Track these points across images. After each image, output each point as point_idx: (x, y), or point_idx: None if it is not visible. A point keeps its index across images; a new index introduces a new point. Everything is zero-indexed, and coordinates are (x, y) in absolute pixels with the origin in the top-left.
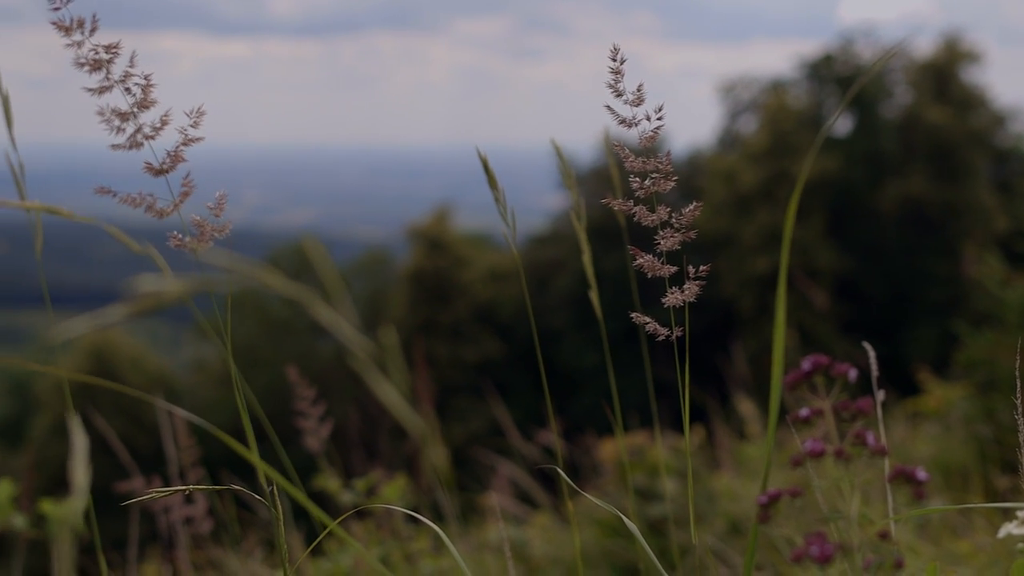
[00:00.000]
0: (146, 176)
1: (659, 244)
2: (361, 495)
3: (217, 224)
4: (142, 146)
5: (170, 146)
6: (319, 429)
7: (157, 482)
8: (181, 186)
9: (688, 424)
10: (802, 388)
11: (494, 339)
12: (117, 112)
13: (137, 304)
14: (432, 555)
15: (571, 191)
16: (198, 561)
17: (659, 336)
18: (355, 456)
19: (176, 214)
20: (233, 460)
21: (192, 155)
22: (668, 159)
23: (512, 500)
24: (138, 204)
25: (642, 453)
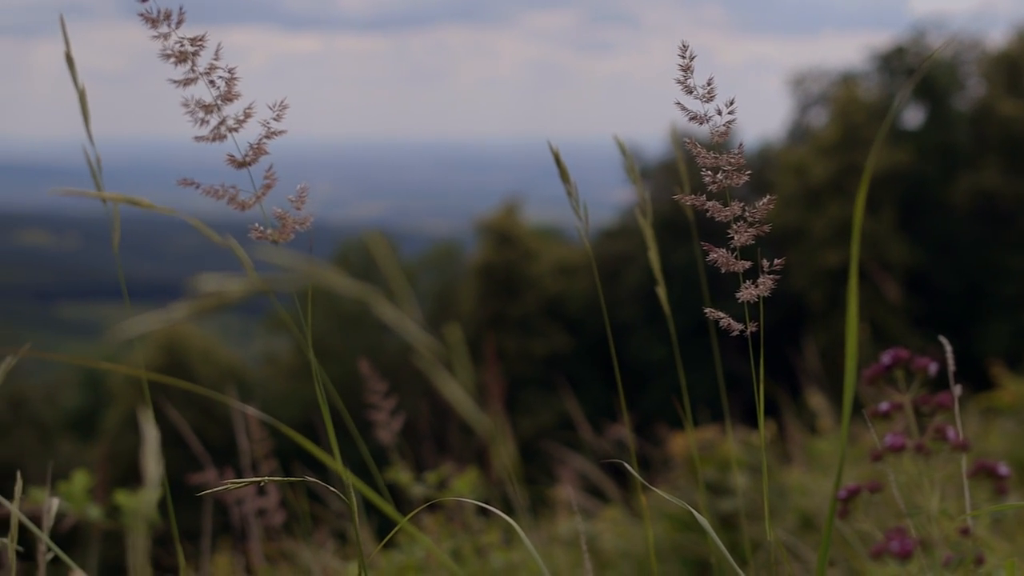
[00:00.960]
0: (219, 170)
1: (732, 239)
2: (432, 488)
3: (298, 217)
4: (225, 138)
5: (252, 139)
6: (391, 422)
7: (230, 474)
8: (263, 178)
9: (763, 418)
10: (881, 382)
11: (562, 333)
12: (201, 104)
13: (200, 303)
14: (503, 548)
15: (636, 187)
16: (270, 553)
17: (733, 331)
18: (426, 449)
19: (257, 207)
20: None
21: (268, 148)
22: (741, 153)
23: (582, 494)
24: (220, 196)
25: (713, 447)
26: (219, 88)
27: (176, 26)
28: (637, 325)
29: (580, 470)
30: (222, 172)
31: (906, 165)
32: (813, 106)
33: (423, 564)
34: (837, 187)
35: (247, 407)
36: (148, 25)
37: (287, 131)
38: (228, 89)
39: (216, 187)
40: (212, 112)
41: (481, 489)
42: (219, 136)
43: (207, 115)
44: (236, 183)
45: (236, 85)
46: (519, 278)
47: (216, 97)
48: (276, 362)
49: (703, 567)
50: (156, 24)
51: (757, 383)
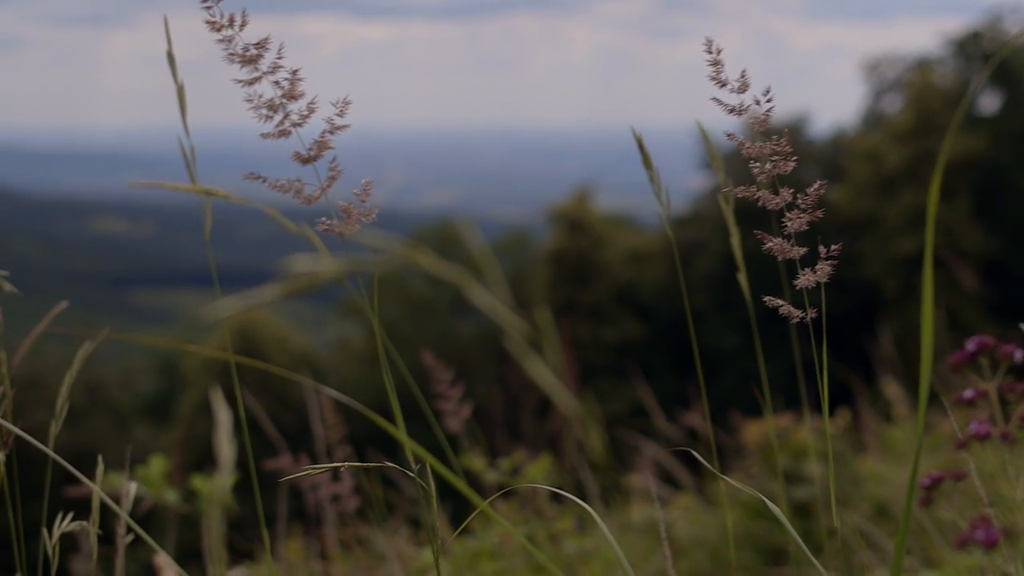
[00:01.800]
0: (287, 159)
1: (787, 226)
2: (506, 474)
3: (363, 209)
4: (289, 134)
5: (317, 134)
6: (459, 410)
7: (305, 460)
8: (328, 170)
9: (827, 406)
10: (965, 369)
11: (634, 320)
12: (266, 103)
13: (292, 284)
14: (576, 535)
15: (719, 173)
16: (344, 538)
17: (793, 318)
18: (498, 435)
19: (324, 199)
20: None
21: (336, 138)
22: (787, 140)
23: (655, 481)
24: (287, 190)
25: (787, 435)
26: (283, 87)
27: (240, 29)
28: (708, 312)
29: (654, 457)
30: (290, 162)
31: (982, 152)
32: (887, 92)
33: (497, 550)
34: (912, 174)
35: (327, 389)
36: (213, 29)
37: (350, 126)
38: (292, 88)
39: (282, 182)
40: (277, 110)
41: (554, 475)
42: (284, 133)
43: (272, 113)
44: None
45: (299, 84)
46: (591, 265)
47: (280, 96)
48: (348, 348)
49: (777, 555)
50: (221, 28)
51: (820, 369)
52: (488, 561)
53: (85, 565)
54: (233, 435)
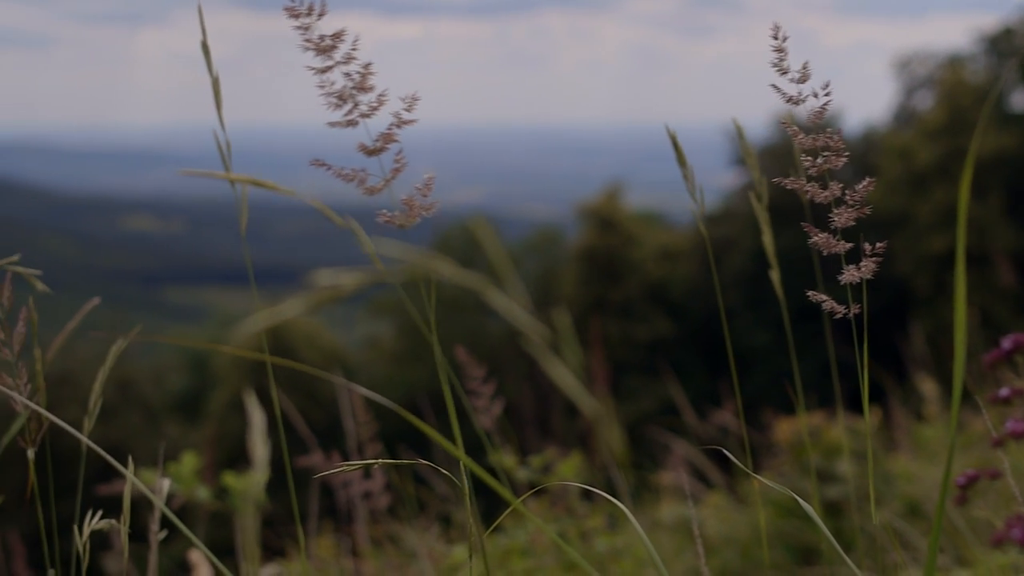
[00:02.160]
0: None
1: (833, 221)
2: (536, 472)
3: (425, 203)
4: (357, 124)
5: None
6: (491, 407)
7: (336, 457)
8: (393, 162)
9: (868, 404)
10: (1001, 367)
11: (664, 318)
12: (338, 93)
13: (316, 297)
14: (607, 533)
15: (752, 170)
16: (375, 535)
17: (836, 314)
18: (529, 433)
19: (383, 192)
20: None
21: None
22: (840, 136)
23: (686, 479)
24: (350, 179)
25: (818, 433)
26: (354, 79)
27: (318, 18)
28: (739, 310)
29: (684, 455)
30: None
31: (1014, 149)
32: (919, 89)
33: (527, 547)
34: (943, 171)
35: (359, 388)
36: (291, 17)
37: (417, 121)
38: (363, 80)
39: (346, 171)
40: (347, 101)
41: (585, 473)
42: (352, 123)
43: (341, 103)
44: (361, 168)
45: (371, 77)
46: (621, 263)
47: (351, 87)
48: (378, 347)
49: (808, 553)
50: (299, 16)
51: (862, 367)
52: (519, 559)
53: (117, 563)
54: (266, 434)
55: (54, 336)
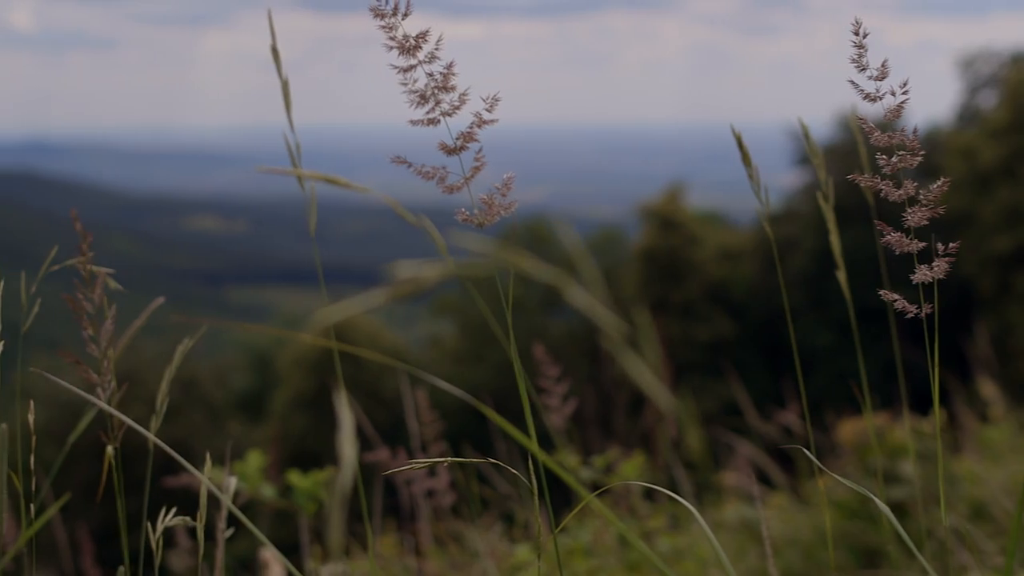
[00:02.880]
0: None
1: (906, 220)
2: (600, 472)
3: (504, 203)
4: (438, 123)
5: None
6: (562, 406)
7: (402, 455)
8: (473, 161)
9: (938, 403)
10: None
11: (726, 318)
12: (420, 92)
13: (397, 288)
14: (669, 533)
15: (819, 171)
16: (438, 534)
17: (908, 313)
18: (591, 433)
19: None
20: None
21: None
22: (915, 135)
23: (749, 480)
24: (431, 177)
25: (882, 434)
26: (436, 78)
27: (403, 18)
28: (801, 311)
29: (747, 456)
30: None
31: None
32: (983, 88)
33: (590, 547)
34: (1007, 171)
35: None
36: (376, 17)
37: (497, 121)
38: (445, 80)
39: (427, 169)
40: (429, 99)
41: (648, 474)
42: (433, 121)
43: (424, 102)
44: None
45: (453, 77)
46: (682, 263)
47: (433, 86)
48: (440, 345)
49: (871, 555)
50: (384, 16)
51: (932, 366)
52: (582, 559)
53: (182, 560)
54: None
55: (121, 335)
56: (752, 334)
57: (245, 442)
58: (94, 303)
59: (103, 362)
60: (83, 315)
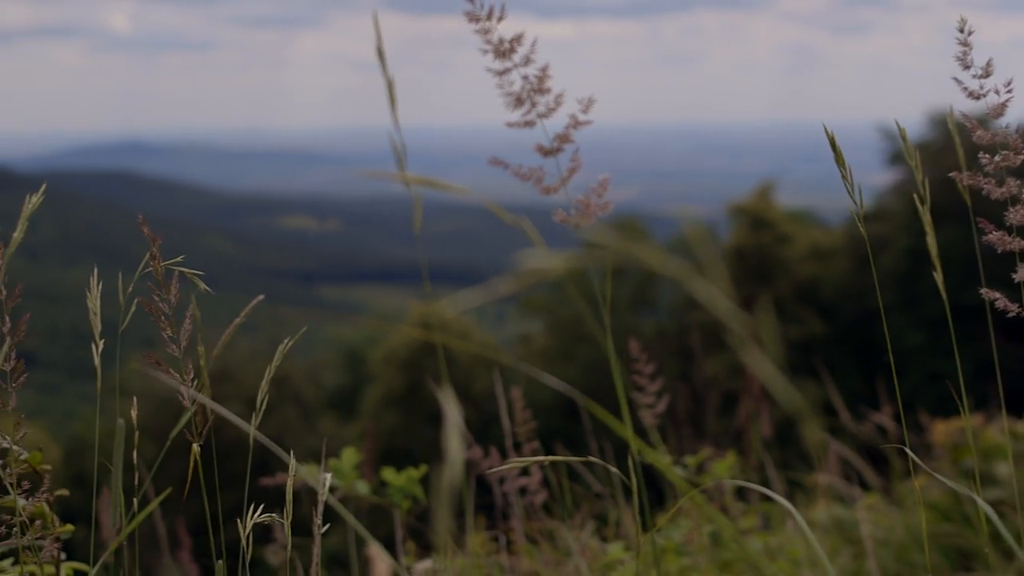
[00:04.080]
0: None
1: (1008, 219)
2: (692, 472)
3: (600, 203)
4: (534, 125)
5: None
6: (656, 404)
7: (494, 453)
8: (570, 161)
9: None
10: None
11: (816, 318)
12: (516, 95)
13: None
14: (762, 533)
15: (915, 171)
16: (531, 532)
17: (1009, 312)
18: (683, 432)
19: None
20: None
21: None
22: (1019, 133)
23: (841, 480)
24: (528, 178)
25: (976, 435)
26: (532, 82)
27: (497, 22)
28: (892, 310)
29: (840, 456)
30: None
31: None
32: None
33: (681, 546)
34: None
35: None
36: (472, 22)
37: (592, 122)
38: (540, 83)
39: (524, 170)
40: (525, 102)
41: (740, 473)
42: (529, 123)
43: (520, 104)
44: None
45: (548, 80)
46: (772, 262)
47: (529, 89)
48: (530, 344)
49: (964, 557)
50: (479, 20)
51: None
52: (674, 558)
53: (277, 555)
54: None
55: (213, 332)
56: (842, 334)
57: (336, 439)
58: (170, 304)
59: (185, 361)
60: (160, 316)
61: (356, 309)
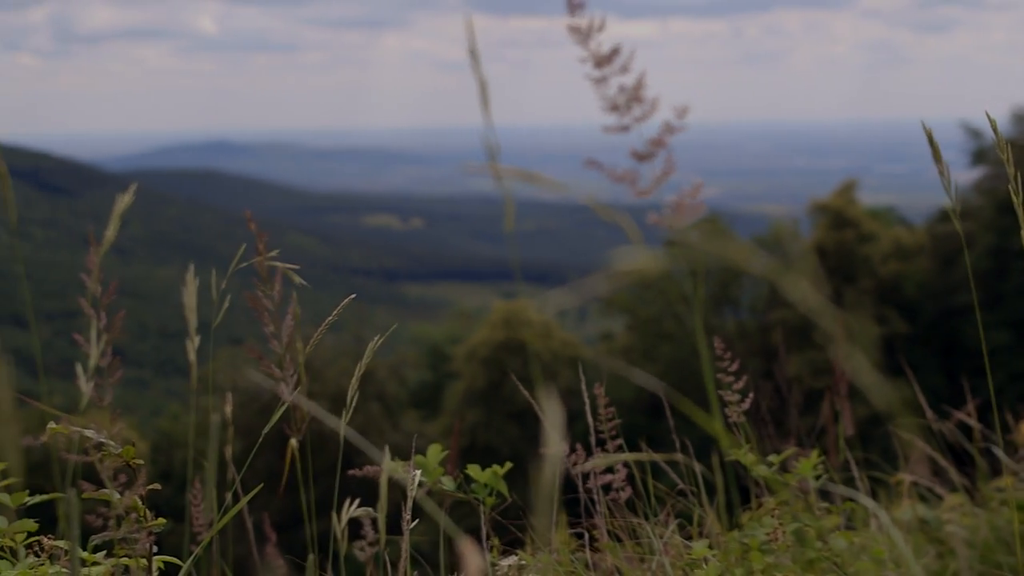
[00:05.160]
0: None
1: None
2: (775, 470)
3: (693, 204)
4: (629, 130)
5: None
6: (741, 402)
7: (579, 449)
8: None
9: None
10: None
11: (897, 316)
12: (613, 101)
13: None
14: (846, 532)
15: (1008, 167)
16: (614, 529)
17: None
18: (765, 431)
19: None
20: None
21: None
22: None
23: (925, 479)
24: (623, 180)
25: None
26: (627, 91)
27: (598, 32)
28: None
29: (924, 456)
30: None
31: None
32: None
33: (765, 545)
34: None
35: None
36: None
37: (686, 128)
38: (636, 92)
39: (620, 171)
40: (621, 108)
41: (823, 472)
42: (624, 128)
43: (616, 111)
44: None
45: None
46: (854, 260)
47: (626, 98)
48: (611, 342)
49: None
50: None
51: None
52: (758, 556)
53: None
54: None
55: (302, 330)
56: (924, 332)
57: (420, 435)
58: (274, 300)
59: (285, 357)
60: (264, 312)
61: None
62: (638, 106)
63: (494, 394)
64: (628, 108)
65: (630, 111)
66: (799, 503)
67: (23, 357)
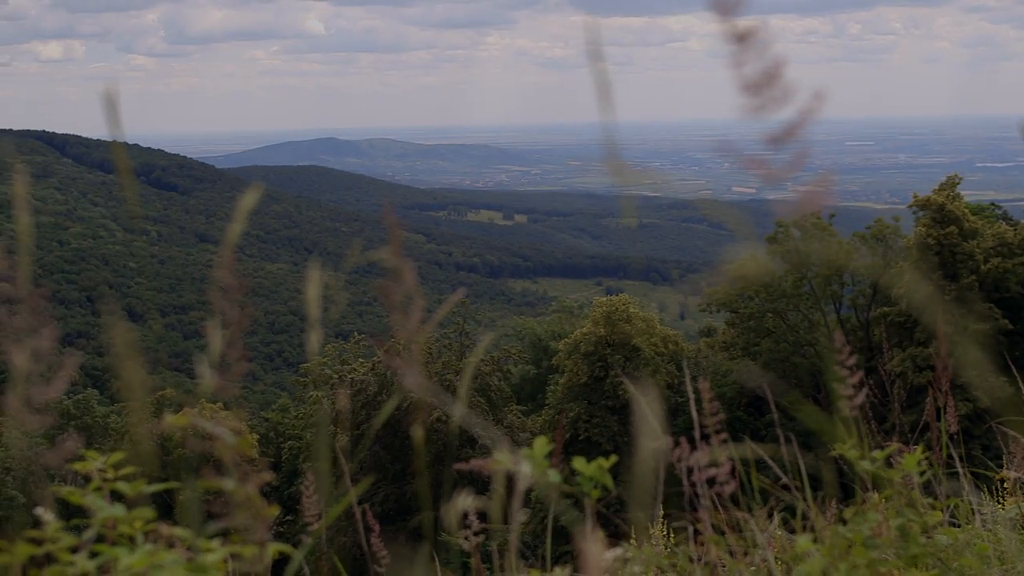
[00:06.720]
0: None
1: None
2: (879, 465)
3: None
4: (764, 112)
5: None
6: (855, 395)
7: (684, 444)
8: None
9: None
10: None
11: (1000, 312)
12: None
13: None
14: (949, 528)
15: None
16: (718, 522)
17: None
18: (868, 427)
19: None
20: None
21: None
22: None
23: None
24: (755, 168)
25: None
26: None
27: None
28: None
29: None
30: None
31: None
32: None
33: (868, 540)
34: None
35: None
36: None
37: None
38: (774, 74)
39: (753, 159)
40: (759, 87)
41: (927, 468)
42: (760, 110)
43: (753, 95)
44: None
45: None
46: (957, 256)
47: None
48: (712, 338)
49: None
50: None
51: None
52: (862, 551)
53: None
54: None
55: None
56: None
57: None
58: (403, 293)
59: (408, 350)
60: (395, 306)
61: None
62: (776, 88)
63: (596, 388)
64: (766, 88)
65: (768, 92)
66: (903, 499)
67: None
